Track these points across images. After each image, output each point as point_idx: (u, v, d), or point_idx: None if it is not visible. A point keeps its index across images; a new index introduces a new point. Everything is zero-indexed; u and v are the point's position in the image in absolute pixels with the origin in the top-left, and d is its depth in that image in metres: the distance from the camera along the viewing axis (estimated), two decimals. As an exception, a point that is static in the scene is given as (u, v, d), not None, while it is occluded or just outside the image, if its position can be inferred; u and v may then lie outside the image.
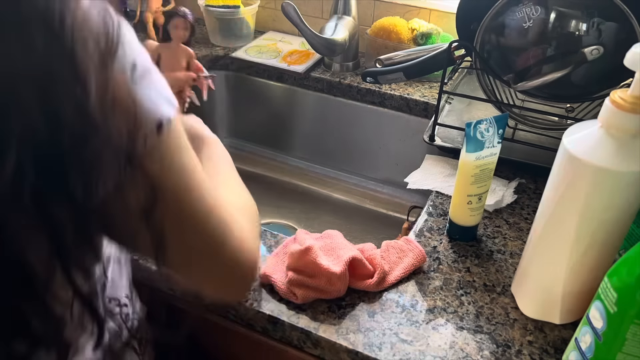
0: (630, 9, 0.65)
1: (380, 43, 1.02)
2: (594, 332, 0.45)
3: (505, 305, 0.58)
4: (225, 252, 0.43)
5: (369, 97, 1.03)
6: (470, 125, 0.57)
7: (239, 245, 0.44)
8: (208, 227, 0.42)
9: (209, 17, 1.16)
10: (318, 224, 1.05)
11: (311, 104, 1.11)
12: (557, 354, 0.53)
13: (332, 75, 1.06)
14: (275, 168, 1.19)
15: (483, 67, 0.76)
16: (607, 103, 0.46)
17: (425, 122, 0.96)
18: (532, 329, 0.56)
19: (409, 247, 0.63)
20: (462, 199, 0.63)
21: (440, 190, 0.76)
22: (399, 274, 0.61)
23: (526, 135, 0.81)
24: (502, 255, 0.65)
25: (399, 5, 1.09)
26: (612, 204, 0.48)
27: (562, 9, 0.69)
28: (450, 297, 0.59)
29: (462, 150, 0.60)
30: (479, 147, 0.59)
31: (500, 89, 0.79)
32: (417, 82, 1.03)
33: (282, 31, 1.23)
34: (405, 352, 0.53)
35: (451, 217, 0.66)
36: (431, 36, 1.01)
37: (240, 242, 0.44)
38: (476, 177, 0.60)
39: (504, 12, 0.72)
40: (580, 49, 0.68)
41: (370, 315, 0.57)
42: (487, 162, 0.60)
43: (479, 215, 0.65)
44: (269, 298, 0.58)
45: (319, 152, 1.16)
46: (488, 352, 0.53)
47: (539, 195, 0.60)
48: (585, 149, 0.47)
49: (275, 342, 0.59)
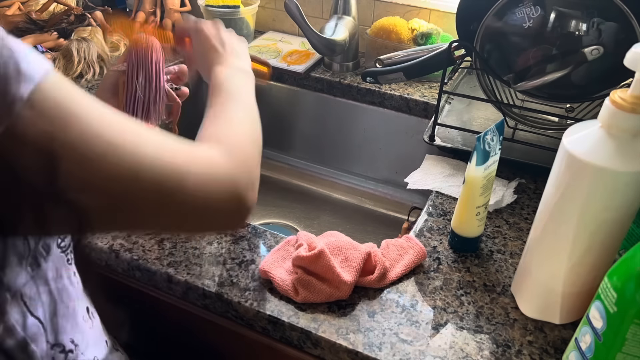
0: (630, 9, 0.65)
1: (380, 43, 1.02)
2: (594, 332, 0.45)
3: (505, 305, 0.58)
4: (183, 197, 0.41)
5: (369, 97, 1.03)
6: (479, 139, 0.57)
7: (202, 183, 0.41)
8: (142, 184, 0.39)
9: (209, 17, 1.16)
10: (318, 224, 1.05)
11: (311, 104, 1.11)
12: (557, 354, 0.53)
13: (332, 75, 1.06)
14: (275, 168, 1.19)
15: (483, 67, 0.76)
16: (607, 103, 0.46)
17: (425, 122, 0.96)
18: (532, 329, 0.56)
19: (410, 245, 0.63)
20: (471, 211, 0.61)
21: (440, 190, 0.76)
22: (400, 270, 0.61)
23: (526, 135, 0.81)
24: (502, 255, 0.65)
25: (399, 5, 1.09)
26: (612, 204, 0.48)
27: (562, 9, 0.69)
28: (450, 297, 0.59)
29: (469, 166, 0.59)
30: (486, 158, 0.59)
31: (500, 89, 0.79)
32: (417, 82, 1.03)
33: (282, 31, 1.23)
34: (405, 352, 0.53)
35: (456, 230, 0.64)
36: (431, 36, 1.01)
37: (203, 179, 0.42)
38: (484, 187, 0.60)
39: (503, 12, 0.72)
40: (580, 49, 0.68)
41: (370, 315, 0.57)
42: (492, 170, 0.60)
43: (484, 223, 0.65)
44: (269, 298, 0.58)
45: (319, 152, 1.16)
46: (488, 352, 0.53)
47: (539, 195, 0.60)
48: (585, 149, 0.47)
49: (275, 342, 0.59)
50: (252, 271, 0.61)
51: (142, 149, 0.39)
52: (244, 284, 0.60)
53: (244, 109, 0.57)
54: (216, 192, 0.43)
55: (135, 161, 0.38)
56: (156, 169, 0.40)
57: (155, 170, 0.39)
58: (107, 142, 0.37)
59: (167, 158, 0.40)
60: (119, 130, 0.39)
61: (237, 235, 0.66)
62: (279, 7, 1.21)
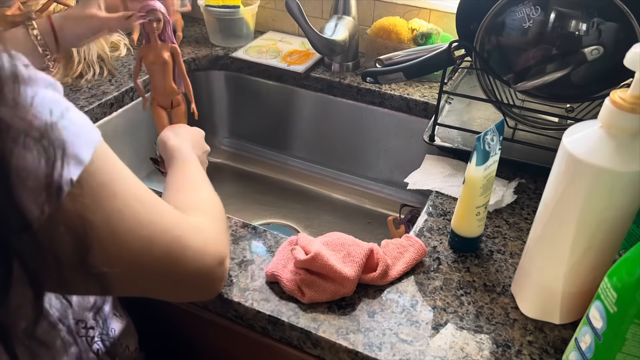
0: (630, 9, 0.65)
1: (380, 43, 1.02)
2: (594, 332, 0.45)
3: (505, 305, 0.58)
4: (184, 267, 0.45)
5: (369, 97, 1.03)
6: (479, 139, 0.57)
7: (199, 253, 0.46)
8: (154, 255, 0.42)
9: (209, 17, 1.16)
10: (318, 224, 1.05)
11: (311, 104, 1.11)
12: (557, 354, 0.53)
13: (332, 75, 1.06)
14: (275, 168, 1.19)
15: (483, 67, 0.76)
16: (607, 103, 0.46)
17: (425, 122, 0.96)
18: (532, 329, 0.56)
19: (409, 243, 0.63)
20: (471, 211, 0.62)
21: (440, 190, 0.76)
22: (402, 267, 0.61)
23: (526, 135, 0.81)
24: (502, 255, 0.65)
25: (399, 5, 1.09)
26: (612, 204, 0.48)
27: (562, 9, 0.69)
28: (450, 297, 0.59)
29: (469, 166, 0.59)
30: (486, 158, 0.59)
31: (500, 89, 0.79)
32: (417, 82, 1.03)
33: (282, 31, 1.23)
34: (405, 352, 0.53)
35: (456, 230, 0.64)
36: (431, 36, 1.01)
37: (199, 250, 0.46)
38: (484, 187, 0.60)
39: (503, 12, 0.72)
40: (580, 49, 0.68)
41: (370, 315, 0.57)
42: (492, 170, 0.60)
43: (484, 223, 0.65)
44: (269, 298, 0.58)
45: (319, 152, 1.16)
46: (488, 352, 0.53)
47: (539, 195, 0.60)
48: (585, 149, 0.47)
49: (275, 342, 0.59)
50: (252, 271, 0.61)
51: (158, 223, 0.42)
52: (244, 284, 0.60)
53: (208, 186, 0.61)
54: (208, 262, 0.47)
55: (149, 235, 0.41)
56: (165, 242, 0.43)
57: (165, 242, 0.43)
58: (133, 217, 0.40)
59: (176, 232, 0.44)
60: (145, 204, 0.42)
61: (237, 235, 0.66)
62: (279, 7, 1.21)
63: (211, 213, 0.54)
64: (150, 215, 0.42)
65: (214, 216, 0.54)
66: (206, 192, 0.58)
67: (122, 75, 1.03)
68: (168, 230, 0.43)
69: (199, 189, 0.58)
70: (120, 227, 0.39)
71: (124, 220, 0.39)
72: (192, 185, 0.58)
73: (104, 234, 0.38)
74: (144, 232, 0.41)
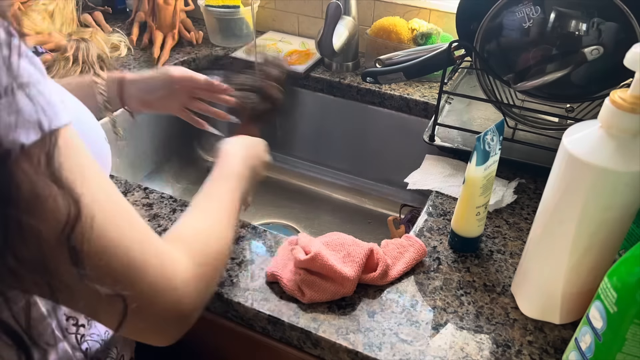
0: (630, 9, 0.65)
1: (380, 43, 1.02)
2: (594, 332, 0.45)
3: (505, 305, 0.58)
4: (139, 293, 0.40)
5: (369, 97, 1.03)
6: (479, 139, 0.57)
7: (159, 289, 0.40)
8: (112, 263, 0.38)
9: (209, 17, 1.16)
10: (318, 224, 1.05)
11: (311, 104, 1.11)
12: (557, 354, 0.53)
13: (332, 75, 1.06)
14: (275, 168, 1.19)
15: (483, 67, 0.76)
16: (607, 103, 0.46)
17: (425, 122, 0.96)
18: (532, 329, 0.56)
19: (409, 243, 0.63)
20: (471, 211, 0.62)
21: (440, 190, 0.76)
22: (402, 267, 0.61)
23: (526, 135, 0.81)
24: (502, 255, 0.65)
25: (399, 5, 1.09)
26: (612, 204, 0.48)
27: (562, 9, 0.69)
28: (450, 297, 0.59)
29: (469, 166, 0.59)
30: (486, 158, 0.59)
31: (500, 89, 0.79)
32: (417, 82, 1.03)
33: (282, 31, 1.23)
34: (405, 352, 0.53)
35: (456, 230, 0.64)
36: (431, 36, 1.01)
37: (160, 285, 0.40)
38: (484, 187, 0.60)
39: (503, 12, 0.72)
40: (580, 49, 0.68)
41: (370, 315, 0.57)
42: (492, 170, 0.60)
43: (484, 223, 0.65)
44: (269, 298, 0.58)
45: (318, 152, 1.16)
46: (488, 352, 0.53)
47: (539, 195, 0.60)
48: (585, 149, 0.47)
49: (275, 342, 0.59)
50: (252, 271, 0.61)
51: (123, 227, 0.39)
52: (244, 284, 0.60)
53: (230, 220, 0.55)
54: (169, 303, 0.42)
55: (116, 237, 0.38)
56: (123, 249, 0.38)
57: (122, 251, 0.38)
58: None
59: (136, 247, 0.39)
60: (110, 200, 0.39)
61: (237, 235, 0.66)
62: (279, 7, 1.21)
63: (200, 255, 0.46)
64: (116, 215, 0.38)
65: (202, 260, 0.46)
66: (215, 222, 0.52)
67: (122, 75, 1.03)
68: (132, 241, 0.39)
69: (208, 217, 0.52)
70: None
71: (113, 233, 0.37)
72: (205, 210, 0.53)
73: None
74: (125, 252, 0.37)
